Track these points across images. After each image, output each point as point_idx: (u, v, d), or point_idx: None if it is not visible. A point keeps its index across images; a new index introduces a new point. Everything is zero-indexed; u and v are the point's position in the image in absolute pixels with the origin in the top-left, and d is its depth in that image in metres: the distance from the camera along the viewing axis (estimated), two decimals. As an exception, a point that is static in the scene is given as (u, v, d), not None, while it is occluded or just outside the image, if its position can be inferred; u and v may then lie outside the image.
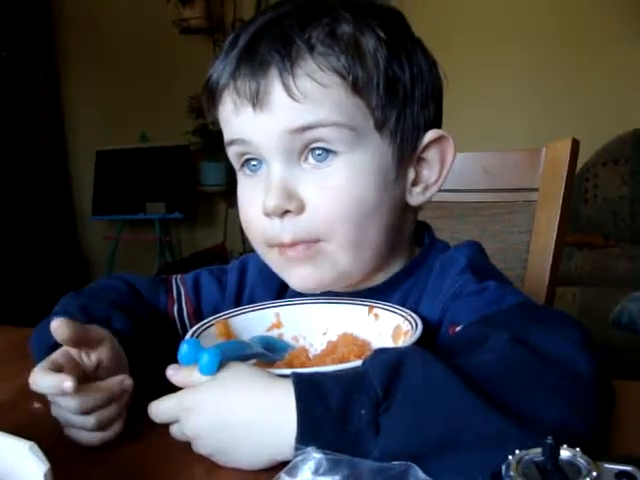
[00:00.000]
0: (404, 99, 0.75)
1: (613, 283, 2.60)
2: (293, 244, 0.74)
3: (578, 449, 0.45)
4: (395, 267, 0.81)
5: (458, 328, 0.69)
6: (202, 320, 0.79)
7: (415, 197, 0.79)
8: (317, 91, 0.70)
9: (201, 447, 0.60)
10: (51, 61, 4.52)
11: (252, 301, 0.89)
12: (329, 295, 0.82)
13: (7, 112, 4.25)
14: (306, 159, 0.73)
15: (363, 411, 0.53)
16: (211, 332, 0.75)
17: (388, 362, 0.55)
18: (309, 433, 0.53)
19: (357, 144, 0.73)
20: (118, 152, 4.20)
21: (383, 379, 0.53)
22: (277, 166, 0.73)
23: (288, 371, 0.59)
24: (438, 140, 0.78)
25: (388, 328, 0.74)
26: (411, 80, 0.76)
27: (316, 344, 0.79)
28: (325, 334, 0.79)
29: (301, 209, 0.73)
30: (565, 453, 0.45)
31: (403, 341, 0.69)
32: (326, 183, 0.73)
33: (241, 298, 0.91)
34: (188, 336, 0.72)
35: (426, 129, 0.77)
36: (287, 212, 0.72)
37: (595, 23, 3.29)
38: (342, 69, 0.71)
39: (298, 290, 0.80)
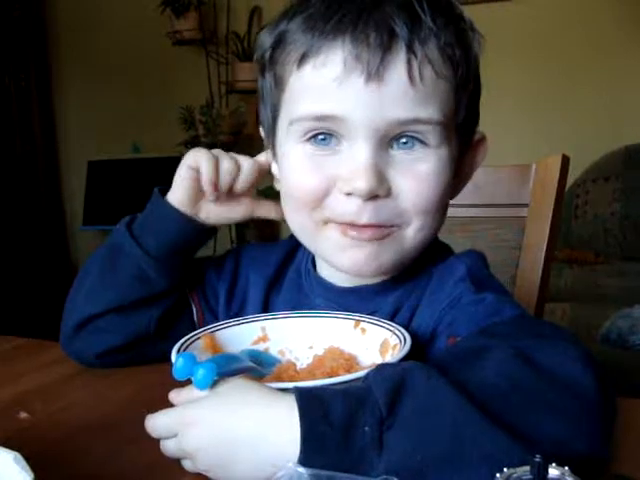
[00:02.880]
0: (476, 96, 0.77)
1: (603, 299, 2.60)
2: (367, 225, 0.73)
3: (567, 468, 0.45)
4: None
5: (457, 340, 0.69)
6: (207, 308, 0.86)
7: (453, 189, 0.81)
8: (432, 80, 0.70)
9: (199, 462, 0.57)
10: (44, 71, 4.52)
11: (246, 289, 0.91)
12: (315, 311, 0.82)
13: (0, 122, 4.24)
14: (397, 145, 0.72)
15: (367, 428, 0.51)
16: (197, 345, 0.74)
17: (392, 378, 0.54)
18: (313, 450, 0.51)
19: (445, 139, 0.73)
20: (110, 163, 4.19)
21: (387, 395, 0.52)
22: (366, 147, 0.71)
23: (290, 385, 0.58)
24: (479, 140, 0.81)
25: (375, 342, 0.73)
26: (479, 81, 0.78)
27: (302, 358, 0.78)
28: (311, 348, 0.79)
29: (388, 194, 0.72)
30: (553, 472, 0.44)
31: (391, 355, 0.69)
32: (415, 171, 0.72)
33: (236, 282, 0.92)
34: (175, 349, 0.71)
35: (475, 125, 0.80)
36: (375, 196, 0.71)
37: (585, 40, 3.31)
38: (457, 62, 0.71)
39: (348, 272, 0.78)
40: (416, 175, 0.72)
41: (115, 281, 0.86)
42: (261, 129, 0.86)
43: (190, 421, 0.57)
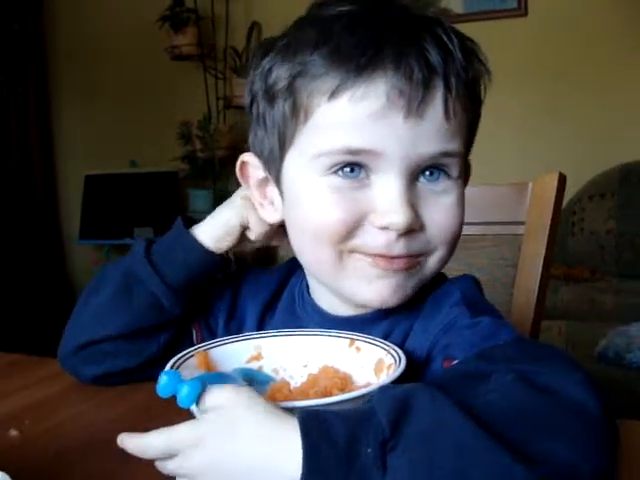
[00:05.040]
0: (477, 125, 0.79)
1: (599, 317, 2.60)
2: (398, 256, 0.73)
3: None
4: None
5: (454, 362, 0.68)
6: (205, 328, 0.85)
7: None
8: (459, 116, 0.71)
9: None
10: (42, 85, 4.54)
11: (244, 311, 0.90)
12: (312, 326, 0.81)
13: (-4, 135, 4.25)
14: (423, 177, 0.73)
15: (369, 449, 0.50)
16: (191, 363, 0.73)
17: (396, 399, 0.53)
18: (314, 471, 0.50)
19: (462, 169, 0.75)
20: (107, 177, 4.19)
21: (391, 416, 0.51)
22: (399, 181, 0.70)
23: (285, 404, 0.58)
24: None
25: (370, 361, 0.73)
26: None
27: (296, 377, 0.78)
28: (306, 366, 0.78)
29: (422, 227, 0.73)
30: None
31: (386, 374, 0.68)
32: (441, 203, 0.73)
33: (236, 307, 0.91)
34: (168, 366, 0.70)
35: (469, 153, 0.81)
36: (410, 230, 0.72)
37: (580, 59, 3.33)
38: (478, 96, 0.74)
39: (369, 305, 0.77)
40: (442, 207, 0.73)
41: (128, 308, 0.85)
42: (251, 155, 0.83)
43: (192, 442, 0.55)
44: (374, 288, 0.75)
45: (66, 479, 0.64)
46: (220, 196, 3.96)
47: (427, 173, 0.72)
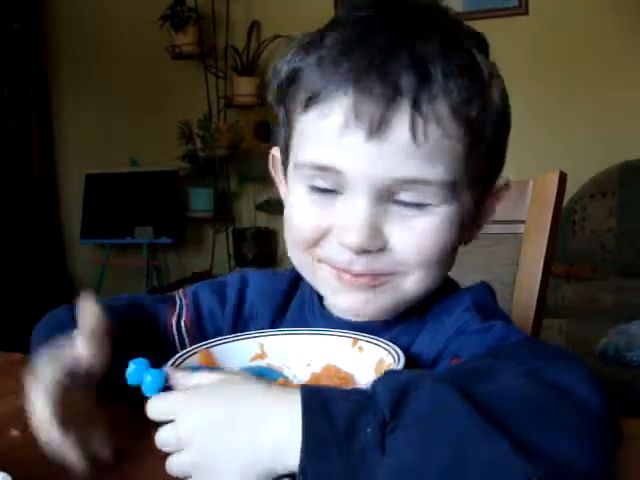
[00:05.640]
0: (499, 150, 0.75)
1: (600, 315, 2.60)
2: (361, 274, 0.72)
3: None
4: None
5: (461, 360, 0.68)
6: (201, 334, 0.81)
7: (470, 235, 0.80)
8: (439, 141, 0.66)
9: (192, 450, 0.55)
10: (43, 84, 4.53)
11: (253, 316, 0.89)
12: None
13: (-3, 134, 4.25)
14: (395, 201, 0.70)
15: (369, 430, 0.51)
16: (193, 361, 0.73)
17: (397, 383, 0.53)
18: (313, 448, 0.50)
19: (451, 198, 0.70)
20: (108, 176, 4.19)
21: (391, 399, 0.52)
22: (364, 201, 0.69)
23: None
24: (501, 187, 0.78)
25: (371, 361, 0.73)
26: (504, 128, 0.75)
27: (299, 375, 0.78)
28: (309, 365, 0.78)
29: (382, 248, 0.70)
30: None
31: (385, 374, 0.68)
32: (414, 227, 0.70)
33: (241, 312, 0.90)
34: (169, 364, 0.70)
35: (499, 173, 0.78)
36: (368, 250, 0.70)
37: (581, 58, 3.33)
38: (474, 122, 0.67)
39: (345, 315, 0.78)
40: (415, 231, 0.70)
41: None
42: (277, 149, 0.84)
43: (187, 406, 0.56)
44: (343, 300, 0.76)
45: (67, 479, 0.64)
46: (221, 195, 3.96)
47: (398, 196, 0.69)
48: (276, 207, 3.88)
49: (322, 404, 0.52)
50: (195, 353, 0.75)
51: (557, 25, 3.37)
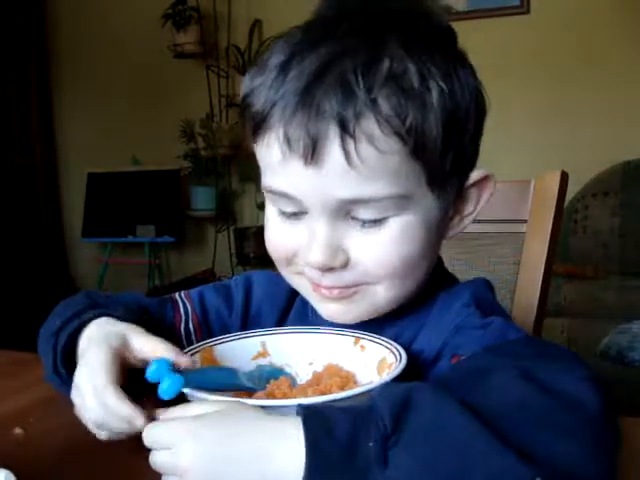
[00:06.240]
0: (458, 147, 0.71)
1: (602, 315, 2.60)
2: (331, 287, 0.74)
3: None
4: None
5: (461, 358, 0.68)
6: (209, 336, 0.80)
7: (451, 230, 0.78)
8: (376, 159, 0.65)
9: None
10: (44, 83, 4.54)
11: (258, 317, 0.89)
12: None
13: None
14: (353, 217, 0.70)
15: (371, 444, 0.50)
16: (195, 359, 0.73)
17: (397, 395, 0.53)
18: (317, 467, 0.50)
19: (408, 207, 0.70)
20: (109, 175, 4.20)
21: (392, 411, 0.51)
22: (322, 221, 0.70)
23: (283, 402, 0.58)
24: (481, 179, 0.77)
25: (373, 360, 0.73)
26: (465, 122, 0.71)
27: (302, 374, 0.78)
28: (311, 364, 0.79)
29: (345, 264, 0.71)
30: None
31: (387, 373, 0.68)
32: (373, 241, 0.70)
33: (248, 313, 0.90)
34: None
35: (472, 167, 0.76)
36: (332, 268, 0.71)
37: (585, 57, 3.32)
38: (405, 134, 0.65)
39: (331, 320, 0.78)
40: (374, 245, 0.70)
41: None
42: None
43: (187, 435, 0.55)
44: (325, 308, 0.77)
45: (70, 478, 0.64)
46: (222, 194, 3.96)
47: (355, 213, 0.69)
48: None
49: (322, 421, 0.52)
50: (197, 352, 0.75)
51: (559, 24, 3.37)
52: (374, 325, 0.79)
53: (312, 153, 0.65)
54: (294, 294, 0.89)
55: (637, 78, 3.27)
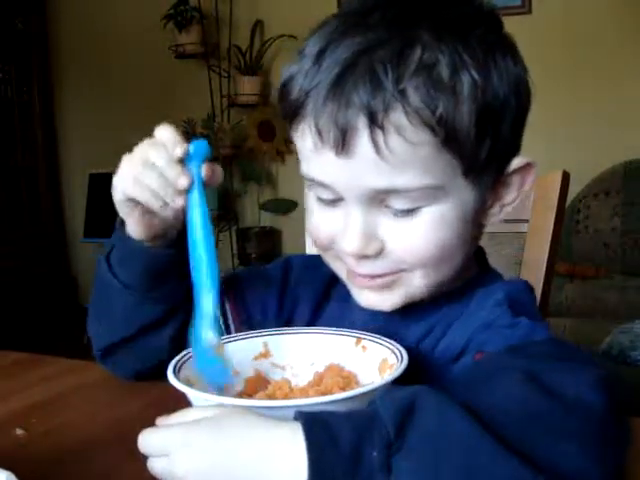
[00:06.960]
0: (494, 136, 0.70)
1: (604, 314, 2.60)
2: (366, 275, 0.74)
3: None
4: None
5: (481, 357, 0.69)
6: (247, 317, 0.85)
7: (490, 217, 0.78)
8: (405, 149, 0.65)
9: None
10: (46, 84, 4.54)
11: (296, 299, 0.90)
12: None
13: (1, 133, 4.25)
14: (387, 206, 0.70)
15: (375, 452, 0.50)
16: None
17: (400, 401, 0.52)
18: (320, 478, 0.49)
19: (441, 197, 0.70)
20: (111, 175, 4.16)
21: (395, 418, 0.51)
22: (357, 209, 0.70)
23: (283, 403, 0.58)
24: (522, 167, 0.76)
25: (375, 360, 0.73)
26: (502, 111, 0.70)
27: (303, 374, 0.78)
28: (313, 364, 0.78)
29: (380, 252, 0.72)
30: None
31: (388, 374, 0.68)
32: (406, 230, 0.70)
33: (285, 297, 0.90)
34: (173, 363, 0.69)
35: (513, 155, 0.75)
36: (366, 255, 0.72)
37: (587, 57, 3.32)
38: (435, 125, 0.65)
39: (369, 308, 0.78)
40: (408, 234, 0.71)
41: (110, 316, 0.84)
42: None
43: (183, 442, 0.53)
44: (363, 297, 0.78)
45: (72, 478, 0.64)
46: (224, 194, 3.96)
47: (388, 202, 0.70)
48: (280, 206, 3.88)
49: (325, 430, 0.51)
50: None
51: (561, 24, 3.37)
52: (410, 316, 0.79)
53: (342, 144, 0.66)
54: (333, 281, 0.88)
55: (639, 77, 3.27)
